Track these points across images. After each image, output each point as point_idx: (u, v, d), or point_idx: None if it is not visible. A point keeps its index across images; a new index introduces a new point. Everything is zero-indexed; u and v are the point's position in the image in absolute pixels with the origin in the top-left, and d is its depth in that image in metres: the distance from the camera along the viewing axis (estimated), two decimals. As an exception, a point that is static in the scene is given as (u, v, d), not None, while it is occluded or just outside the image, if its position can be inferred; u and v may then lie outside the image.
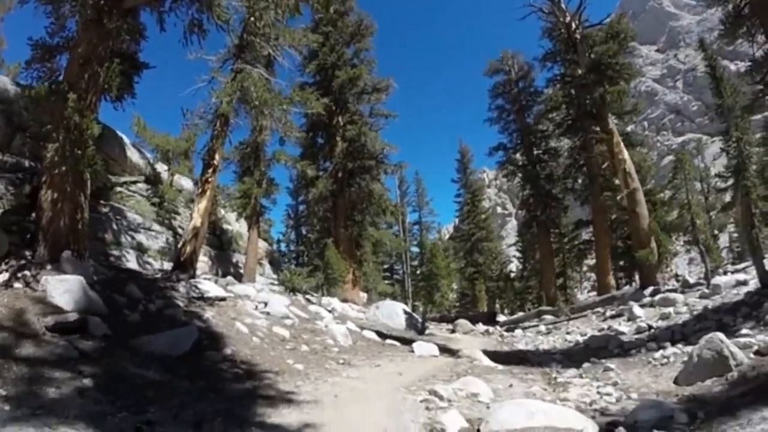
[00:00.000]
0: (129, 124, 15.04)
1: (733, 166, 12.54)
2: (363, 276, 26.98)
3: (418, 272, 43.87)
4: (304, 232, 36.98)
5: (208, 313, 8.28)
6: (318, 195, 22.82)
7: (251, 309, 9.92)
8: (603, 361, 8.97)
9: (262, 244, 24.94)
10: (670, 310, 11.99)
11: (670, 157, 60.39)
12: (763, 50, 10.53)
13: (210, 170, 11.57)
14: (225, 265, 18.75)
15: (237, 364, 5.81)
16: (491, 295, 42.20)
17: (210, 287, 10.77)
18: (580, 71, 18.88)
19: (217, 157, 11.75)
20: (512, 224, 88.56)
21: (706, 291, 12.59)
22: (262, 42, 13.33)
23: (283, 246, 38.62)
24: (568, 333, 15.25)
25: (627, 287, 19.91)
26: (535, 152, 27.96)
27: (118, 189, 14.12)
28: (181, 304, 8.65)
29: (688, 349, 7.86)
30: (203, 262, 17.47)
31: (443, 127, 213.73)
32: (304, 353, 7.72)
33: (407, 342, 12.75)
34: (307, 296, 16.29)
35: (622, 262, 24.62)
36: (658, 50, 66.39)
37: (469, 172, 44.00)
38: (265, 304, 10.75)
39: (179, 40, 10.42)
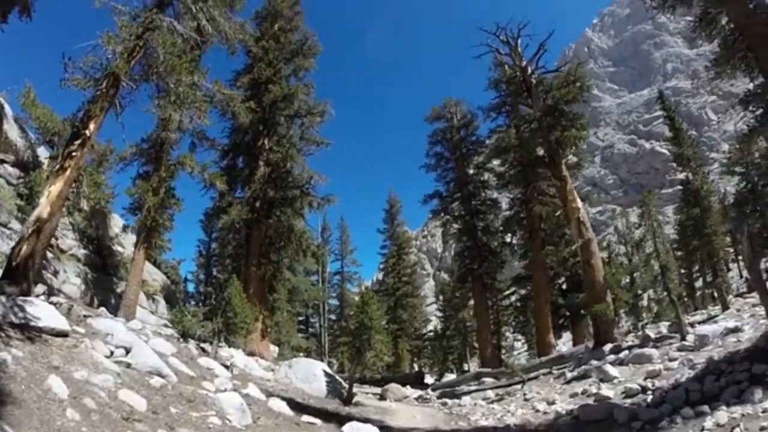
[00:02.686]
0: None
1: (737, 197, 11.47)
2: (275, 326, 22.95)
3: (335, 327, 39.93)
4: (215, 272, 31.77)
5: (10, 354, 4.49)
6: (229, 223, 18.93)
7: (101, 356, 6.10)
8: (628, 442, 6.49)
9: (160, 277, 20.20)
10: (658, 366, 10.13)
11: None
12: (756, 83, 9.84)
13: (77, 142, 7.77)
14: (104, 294, 14.35)
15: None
16: (412, 354, 39.34)
17: (47, 313, 6.80)
18: (532, 116, 18.06)
19: (91, 126, 8.01)
20: (430, 284, 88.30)
21: (687, 343, 11.14)
22: (189, 2, 10.33)
23: (191, 286, 32.93)
24: (526, 399, 12.78)
25: (577, 346, 18.19)
26: (473, 203, 26.75)
27: (-25, 168, 9.97)
28: (-38, 337, 4.76)
29: (742, 409, 6.01)
30: (74, 284, 13.11)
31: (368, 175, 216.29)
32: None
33: (332, 418, 9.38)
34: (203, 345, 12.27)
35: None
36: (579, 127, 73.84)
37: (396, 223, 42.55)
38: (128, 350, 6.95)
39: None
